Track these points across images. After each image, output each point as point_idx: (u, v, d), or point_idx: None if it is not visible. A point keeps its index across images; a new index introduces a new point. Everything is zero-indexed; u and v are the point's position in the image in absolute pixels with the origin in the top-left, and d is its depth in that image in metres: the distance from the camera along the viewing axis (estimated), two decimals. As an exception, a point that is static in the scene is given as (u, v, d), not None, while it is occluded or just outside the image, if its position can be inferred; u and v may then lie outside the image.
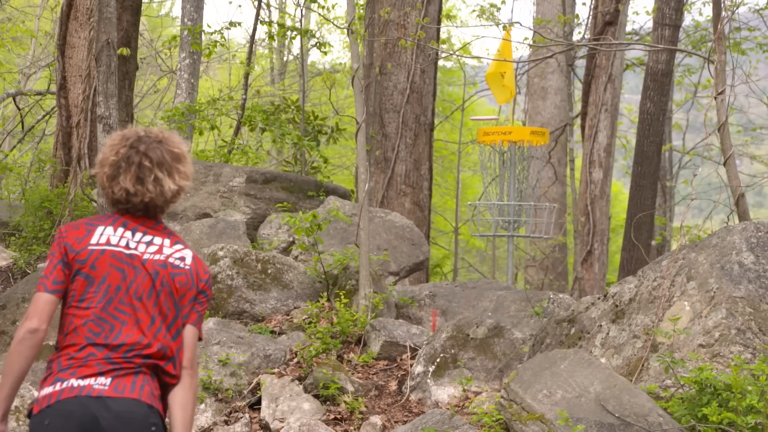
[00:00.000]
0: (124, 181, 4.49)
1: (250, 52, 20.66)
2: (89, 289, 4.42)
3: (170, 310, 4.49)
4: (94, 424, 4.22)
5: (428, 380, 8.93)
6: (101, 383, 4.28)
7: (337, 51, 37.22)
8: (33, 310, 4.39)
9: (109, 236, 4.50)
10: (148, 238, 4.55)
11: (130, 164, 4.50)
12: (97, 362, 4.35)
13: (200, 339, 4.67)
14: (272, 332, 10.00)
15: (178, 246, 4.59)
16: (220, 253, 10.56)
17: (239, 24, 18.16)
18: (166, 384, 4.48)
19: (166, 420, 4.46)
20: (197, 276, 4.57)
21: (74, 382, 4.29)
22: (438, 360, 9.03)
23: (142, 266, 4.48)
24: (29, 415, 4.35)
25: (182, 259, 4.56)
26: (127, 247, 4.50)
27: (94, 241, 4.49)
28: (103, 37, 12.46)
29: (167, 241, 4.57)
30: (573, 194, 18.97)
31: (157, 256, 4.51)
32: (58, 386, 4.28)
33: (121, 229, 4.53)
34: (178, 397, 4.49)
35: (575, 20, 21.34)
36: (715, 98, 10.37)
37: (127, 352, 4.38)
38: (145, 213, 4.57)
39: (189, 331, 4.56)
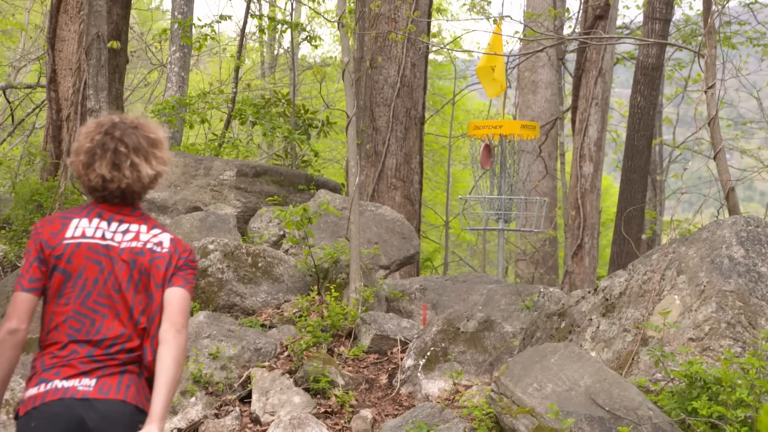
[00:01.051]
0: (100, 168, 4.42)
1: (241, 46, 20.64)
2: (67, 284, 4.35)
3: (152, 297, 4.41)
4: (80, 425, 4.17)
5: (419, 374, 8.94)
6: (85, 384, 4.23)
7: (327, 45, 37.24)
8: (12, 310, 4.34)
9: (84, 229, 4.44)
10: (123, 226, 4.49)
11: (105, 150, 4.44)
12: (80, 361, 4.28)
13: (191, 297, 4.53)
14: (263, 326, 10.00)
15: (155, 231, 4.53)
16: (211, 247, 10.55)
17: (230, 17, 18.13)
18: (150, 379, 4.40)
19: None
20: (177, 255, 4.49)
21: (58, 384, 4.23)
22: (428, 353, 9.03)
23: (118, 257, 4.41)
24: (16, 417, 4.30)
25: (159, 243, 4.49)
26: (103, 238, 4.44)
27: (69, 234, 4.42)
28: (93, 31, 12.44)
29: (143, 227, 4.51)
30: (563, 188, 18.98)
31: (134, 243, 4.44)
32: (42, 387, 4.23)
33: (96, 220, 4.47)
34: (160, 357, 4.33)
35: (566, 14, 21.33)
36: (706, 92, 10.39)
37: (109, 347, 4.31)
38: (122, 200, 4.51)
39: (171, 292, 4.44)
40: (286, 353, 9.33)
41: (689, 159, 24.74)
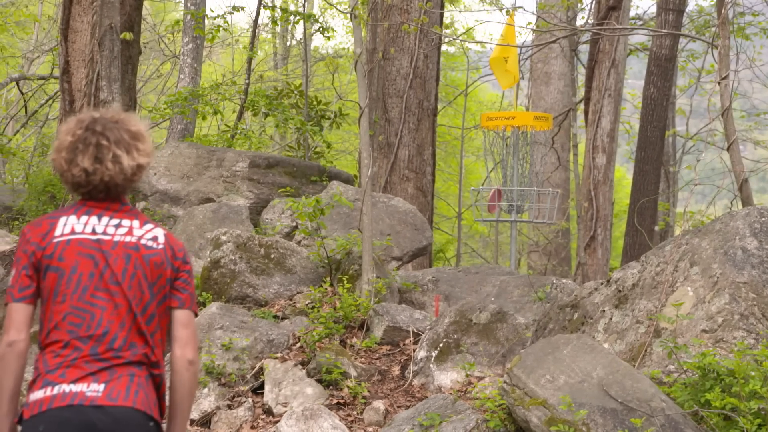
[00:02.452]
0: (82, 161, 4.35)
1: (253, 37, 20.66)
2: (61, 281, 4.28)
3: (145, 293, 4.34)
4: (90, 429, 4.13)
5: (431, 365, 8.94)
6: (94, 390, 4.16)
7: (340, 36, 37.26)
8: (7, 322, 4.28)
9: (73, 225, 4.37)
10: (115, 221, 4.41)
11: (87, 145, 4.37)
12: (85, 360, 4.21)
13: (195, 315, 4.51)
14: (275, 317, 10.01)
15: (149, 226, 4.46)
16: (223, 238, 10.56)
17: (242, 8, 18.12)
18: (157, 376, 4.36)
19: (163, 423, 4.38)
20: (172, 253, 4.43)
21: (66, 388, 4.14)
22: (441, 345, 9.03)
23: (112, 250, 4.34)
24: (19, 420, 4.23)
25: (154, 239, 4.42)
26: (93, 232, 4.37)
27: (58, 233, 4.35)
28: (106, 22, 12.46)
29: (136, 222, 4.44)
30: (576, 179, 18.94)
31: (128, 238, 4.38)
32: (49, 391, 4.15)
33: (85, 217, 4.40)
34: (174, 388, 4.36)
35: (579, 5, 21.29)
36: (719, 83, 10.36)
37: (112, 342, 4.28)
38: (107, 195, 4.42)
39: (180, 315, 4.42)
40: (298, 344, 9.34)
41: (702, 150, 24.65)
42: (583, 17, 23.70)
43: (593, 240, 16.34)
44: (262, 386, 8.83)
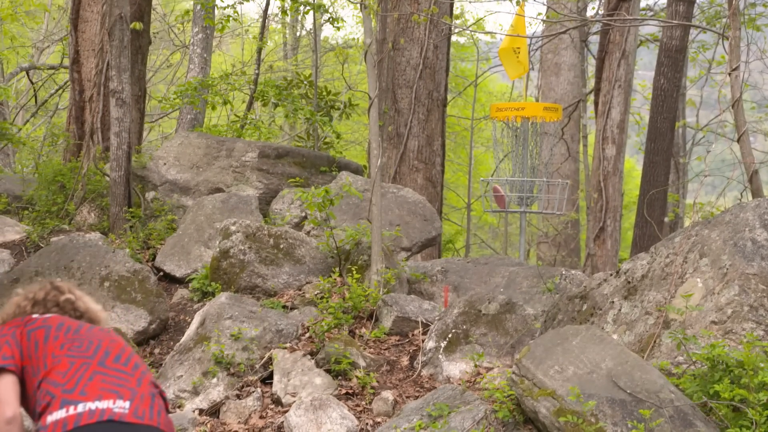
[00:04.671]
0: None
1: (263, 27, 20.65)
2: (50, 331, 4.41)
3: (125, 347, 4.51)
4: None
5: (440, 356, 8.94)
6: (120, 407, 4.17)
7: (349, 26, 37.22)
8: (2, 396, 4.31)
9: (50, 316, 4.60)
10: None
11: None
12: (102, 378, 4.24)
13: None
14: (284, 307, 10.01)
15: None
16: (233, 228, 10.56)
17: (252, -2, 18.09)
18: (165, 397, 4.48)
19: None
20: None
21: (91, 405, 4.13)
22: (450, 335, 9.03)
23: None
24: None
25: None
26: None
27: (36, 316, 4.58)
28: (116, 11, 12.46)
29: None
30: (586, 170, 18.92)
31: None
32: (72, 410, 4.14)
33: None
34: None
35: (589, -4, 21.23)
36: (730, 74, 10.33)
37: (117, 358, 4.32)
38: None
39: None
40: (307, 335, 9.35)
41: (713, 142, 24.61)
42: (593, 8, 23.67)
43: (602, 231, 16.33)
44: (271, 376, 8.84)
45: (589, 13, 22.94)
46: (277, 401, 8.56)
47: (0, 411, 4.24)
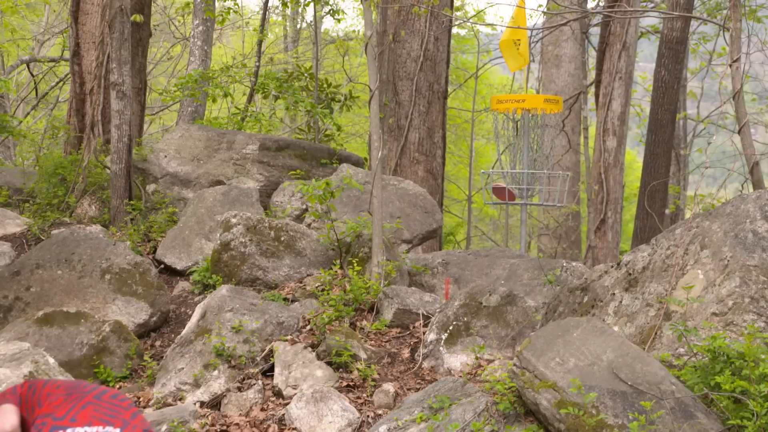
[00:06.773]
0: None
1: (264, 20, 20.63)
2: (48, 382, 4.41)
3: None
4: None
5: (441, 348, 8.94)
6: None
7: (350, 18, 37.18)
8: None
9: None
10: None
11: None
12: (95, 408, 4.22)
13: None
14: (285, 299, 10.02)
15: None
16: (233, 221, 10.56)
17: (252, -9, 18.09)
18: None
19: None
20: None
21: (80, 430, 4.15)
22: (451, 328, 9.03)
23: None
24: None
25: None
26: None
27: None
28: (117, 4, 12.45)
29: None
30: (587, 162, 18.92)
31: None
32: None
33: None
34: None
35: (590, -13, 21.21)
36: (730, 66, 10.32)
37: (114, 396, 4.31)
38: None
39: None
40: (308, 327, 9.35)
41: (713, 133, 24.62)
42: (594, 0, 23.65)
43: (603, 223, 16.33)
44: (272, 368, 8.85)
45: (590, 4, 22.92)
46: (278, 394, 8.56)
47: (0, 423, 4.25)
